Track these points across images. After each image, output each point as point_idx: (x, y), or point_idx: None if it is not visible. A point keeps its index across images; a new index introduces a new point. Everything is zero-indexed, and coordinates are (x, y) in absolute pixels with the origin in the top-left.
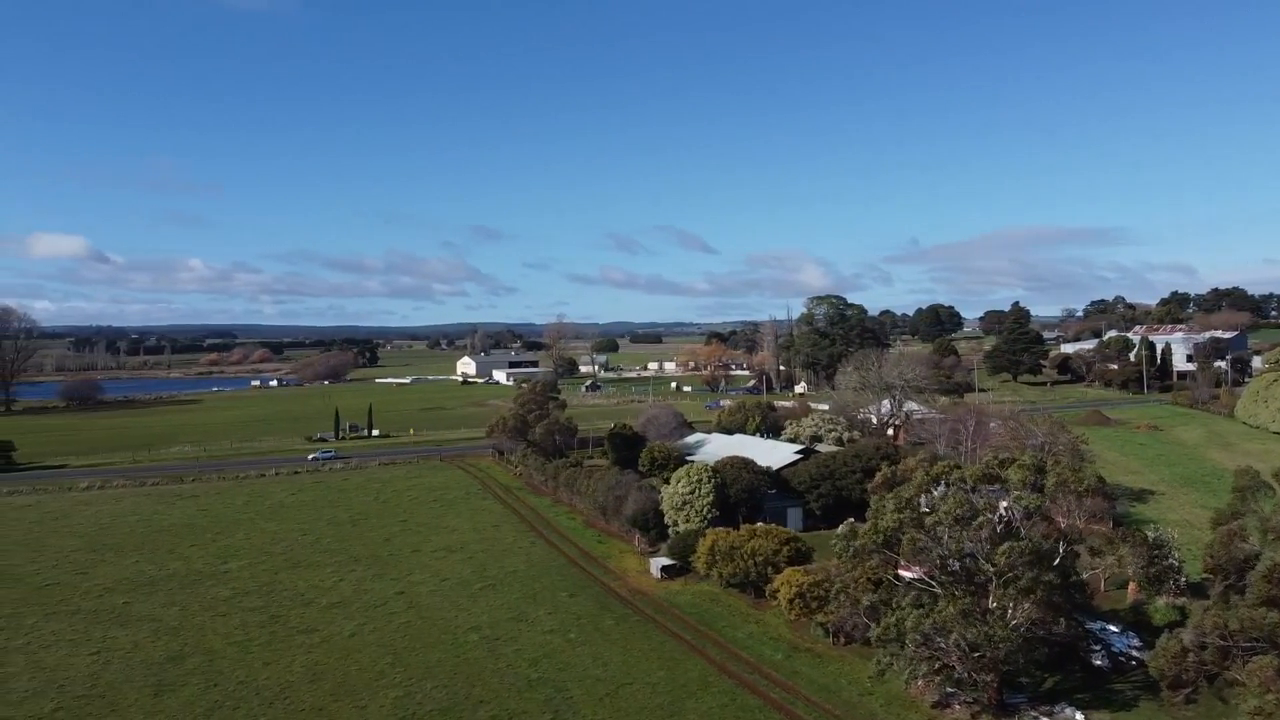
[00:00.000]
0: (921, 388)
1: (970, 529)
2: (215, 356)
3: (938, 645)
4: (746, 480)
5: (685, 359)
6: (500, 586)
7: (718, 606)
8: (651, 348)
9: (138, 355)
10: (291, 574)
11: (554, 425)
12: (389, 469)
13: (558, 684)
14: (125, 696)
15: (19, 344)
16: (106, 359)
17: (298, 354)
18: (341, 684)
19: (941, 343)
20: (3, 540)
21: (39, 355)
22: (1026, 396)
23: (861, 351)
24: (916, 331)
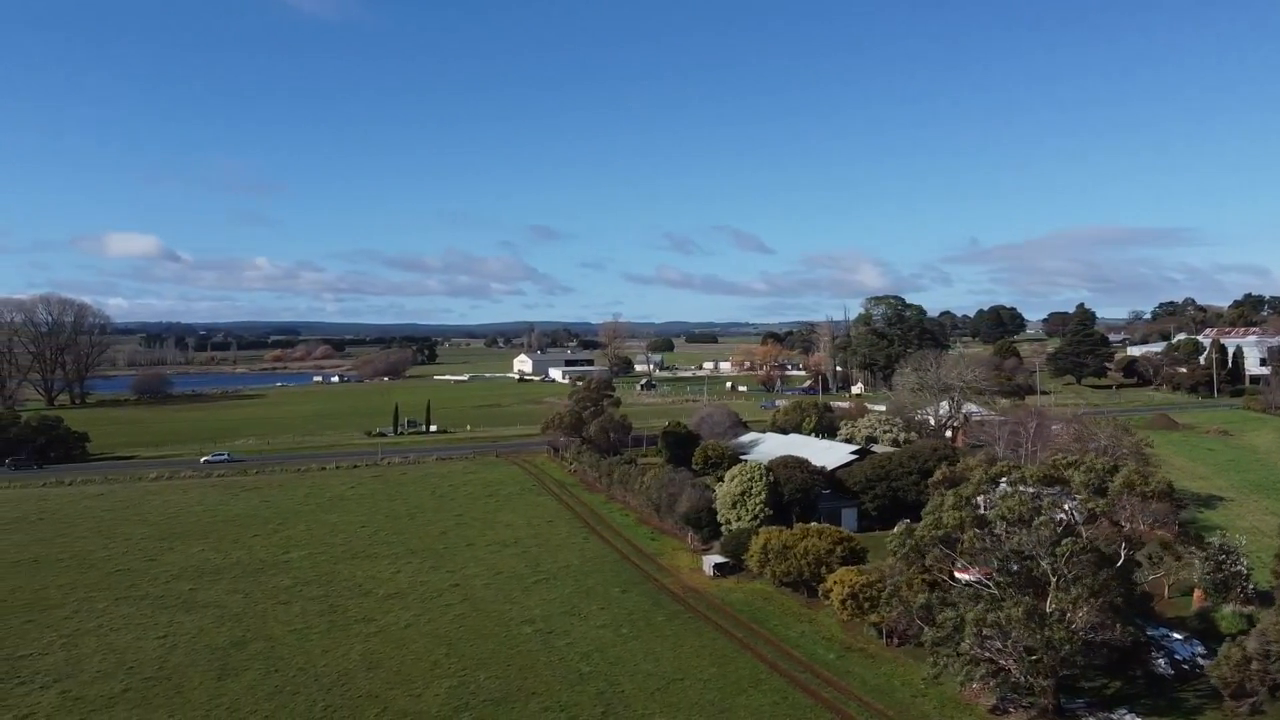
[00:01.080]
0: (981, 389)
1: (1030, 529)
2: (279, 353)
3: (994, 647)
4: (800, 480)
5: (741, 359)
6: (553, 581)
7: (770, 605)
8: (707, 347)
9: (205, 351)
10: (350, 565)
11: (608, 423)
12: (446, 464)
13: (610, 678)
14: (190, 679)
15: (93, 339)
16: (175, 354)
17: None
18: (397, 672)
19: (1003, 344)
20: (77, 527)
21: (112, 350)
22: (1090, 400)
23: (920, 352)
24: (977, 333)
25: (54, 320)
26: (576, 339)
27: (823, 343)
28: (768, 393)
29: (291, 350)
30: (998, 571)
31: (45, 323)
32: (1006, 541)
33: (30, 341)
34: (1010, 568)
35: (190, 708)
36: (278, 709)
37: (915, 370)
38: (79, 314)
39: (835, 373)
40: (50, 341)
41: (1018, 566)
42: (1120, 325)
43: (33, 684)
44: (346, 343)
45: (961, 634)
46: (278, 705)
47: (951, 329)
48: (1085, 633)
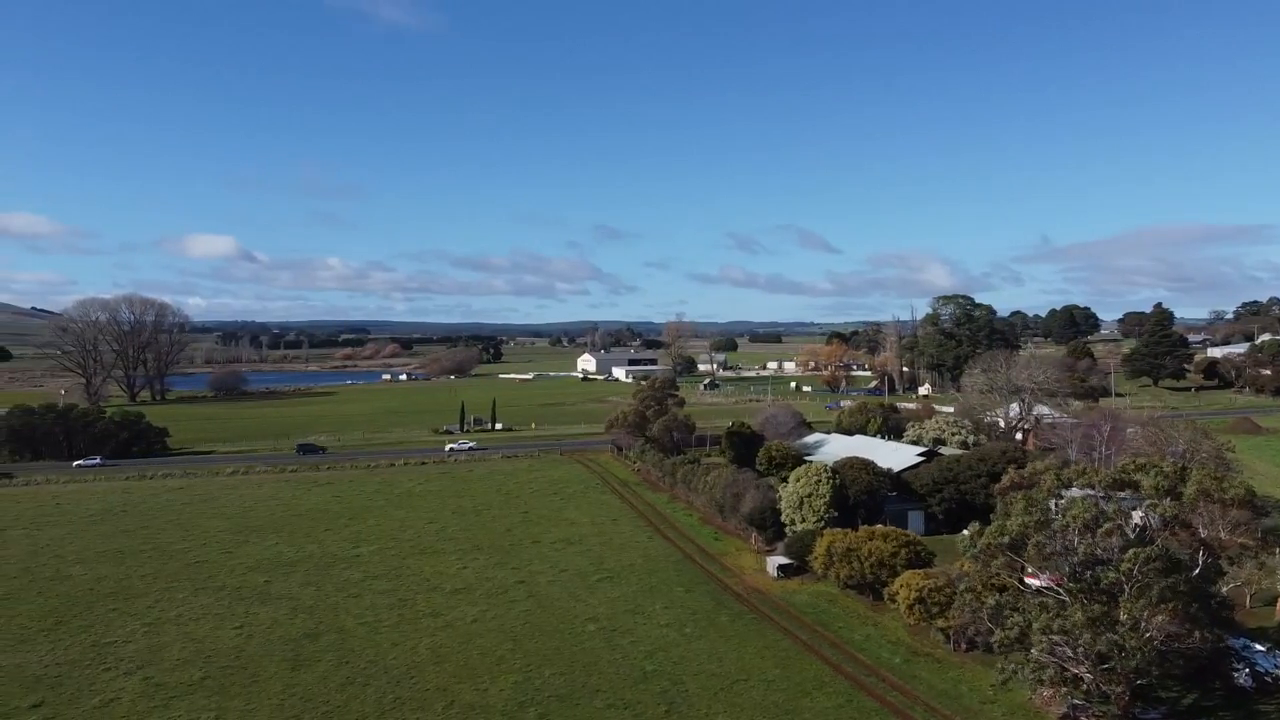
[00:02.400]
0: (1053, 391)
1: (1100, 535)
2: (349, 351)
3: (1064, 654)
4: (866, 481)
5: (805, 359)
6: (617, 579)
7: (835, 607)
8: (771, 347)
9: (278, 349)
10: (418, 560)
11: (672, 423)
12: (511, 462)
13: (673, 677)
14: (265, 669)
15: (173, 338)
16: (250, 352)
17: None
18: (464, 666)
19: (1076, 345)
20: (158, 520)
21: (190, 348)
22: (1168, 402)
23: (989, 353)
24: (1049, 333)
25: (136, 319)
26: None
27: (889, 343)
28: (832, 393)
29: (361, 349)
30: (1068, 578)
31: (128, 321)
32: (1076, 548)
33: (114, 340)
34: (1080, 574)
35: (265, 697)
36: (349, 700)
37: (985, 371)
38: (160, 313)
39: (902, 373)
40: (133, 340)
41: (1088, 573)
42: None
43: (118, 670)
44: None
45: (1029, 640)
46: (349, 696)
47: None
48: (1160, 641)
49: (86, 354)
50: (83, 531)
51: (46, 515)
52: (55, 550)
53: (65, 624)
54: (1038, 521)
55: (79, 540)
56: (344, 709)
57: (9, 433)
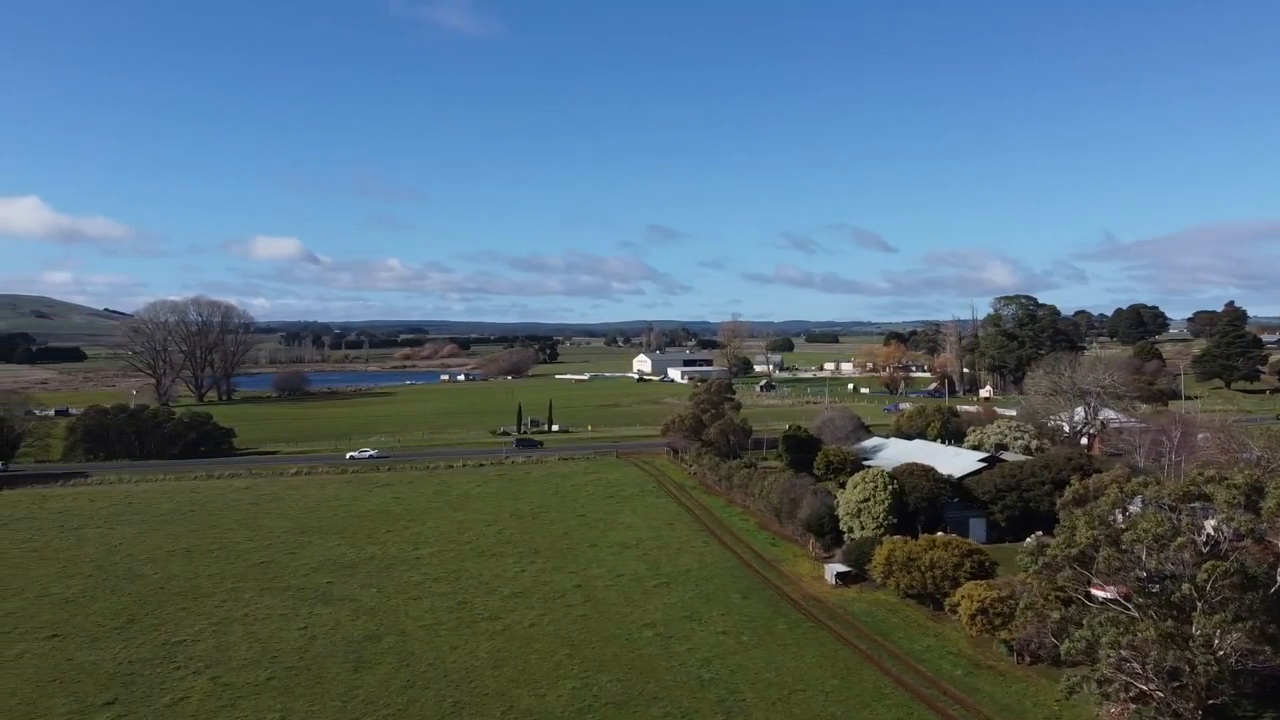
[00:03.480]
0: (1120, 394)
1: (1170, 549)
2: (408, 351)
3: (1133, 670)
4: (926, 488)
5: (863, 360)
6: (674, 585)
7: (894, 617)
8: (827, 347)
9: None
10: (477, 562)
11: (728, 426)
12: (568, 464)
13: (730, 685)
14: (328, 670)
15: (238, 338)
16: (312, 352)
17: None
18: (522, 671)
19: (1143, 346)
20: (226, 519)
21: (255, 349)
22: (1241, 406)
23: (1053, 354)
24: (1115, 333)
25: (203, 320)
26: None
27: (949, 344)
28: (891, 395)
29: (420, 349)
30: (1137, 592)
31: (195, 323)
32: (1145, 562)
33: (183, 341)
34: (1150, 588)
35: (329, 698)
36: (410, 703)
37: (1048, 373)
38: (225, 314)
39: (962, 375)
40: (200, 340)
41: (1158, 587)
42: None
43: (187, 669)
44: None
45: (1096, 654)
46: (409, 699)
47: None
48: (1233, 659)
49: (156, 355)
50: (153, 530)
51: (119, 514)
52: (127, 549)
53: (137, 622)
54: (1105, 535)
55: (150, 539)
56: (405, 712)
57: (84, 433)
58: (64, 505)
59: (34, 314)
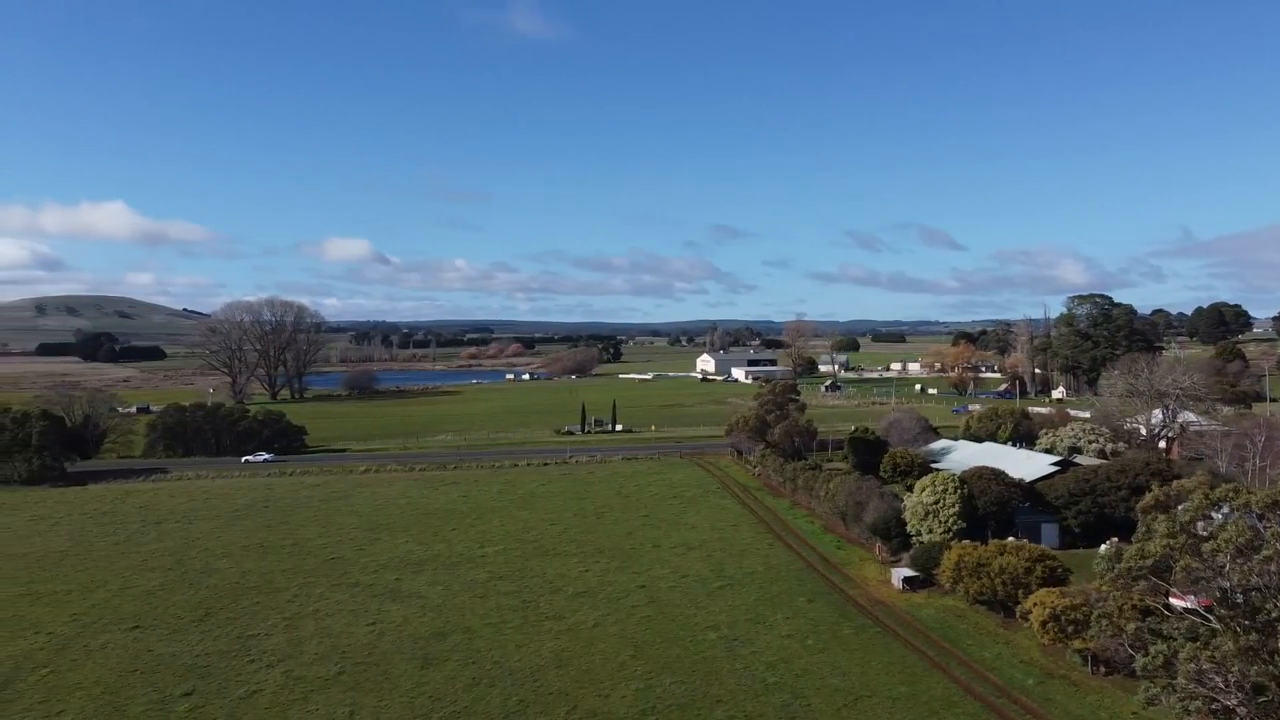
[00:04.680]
0: (1200, 396)
1: (1255, 560)
2: (474, 350)
3: (1214, 684)
4: (996, 492)
5: (930, 360)
6: (738, 587)
7: (963, 623)
8: (894, 347)
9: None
10: (541, 561)
11: (793, 427)
12: (631, 464)
13: (795, 690)
14: (396, 666)
15: (310, 338)
16: (381, 351)
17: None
18: (586, 672)
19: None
20: (298, 516)
21: (326, 348)
22: None
23: (1129, 355)
24: (1195, 333)
25: (277, 320)
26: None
27: (1020, 344)
28: (960, 396)
29: (485, 348)
30: (1219, 604)
31: (269, 322)
32: (1229, 574)
33: (257, 340)
34: (1233, 599)
35: (397, 694)
36: (475, 701)
37: (1124, 375)
38: (298, 314)
39: (1034, 376)
40: (274, 340)
41: (1241, 599)
42: None
43: (261, 662)
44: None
45: (1175, 667)
46: (475, 697)
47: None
48: None
49: (232, 354)
50: (229, 526)
51: (197, 509)
52: (204, 544)
53: (213, 615)
54: (1186, 544)
55: (226, 534)
56: (470, 709)
57: (164, 430)
58: (145, 500)
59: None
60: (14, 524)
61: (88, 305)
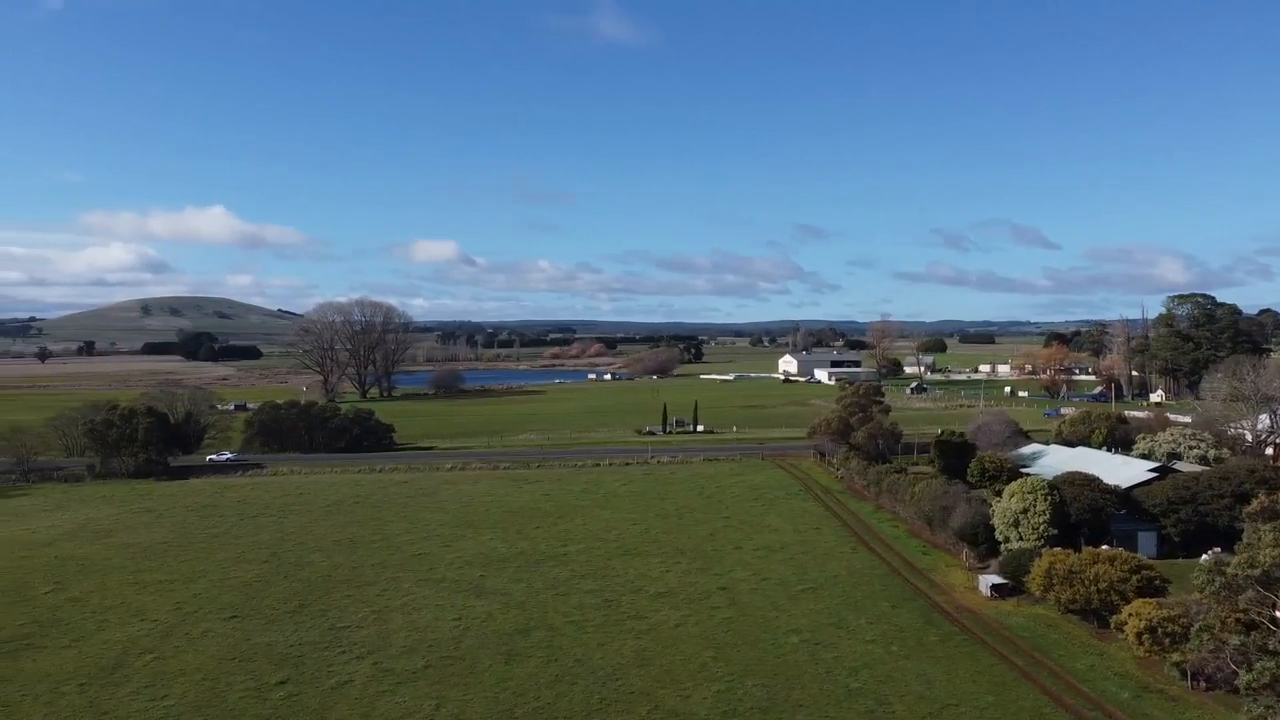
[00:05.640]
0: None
1: None
2: (557, 350)
3: None
4: (1089, 499)
5: (1021, 361)
6: (820, 590)
7: (1054, 633)
8: (983, 348)
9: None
10: (623, 561)
11: (877, 430)
12: (712, 465)
13: (879, 696)
14: (481, 661)
15: (398, 337)
16: (466, 351)
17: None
18: (667, 672)
19: None
20: (386, 511)
21: (413, 347)
22: None
23: (1234, 357)
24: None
25: (367, 320)
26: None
27: (1116, 345)
28: (1052, 399)
29: (568, 348)
30: None
31: (359, 323)
32: None
33: (348, 340)
34: None
35: (481, 689)
36: (558, 698)
37: (1228, 377)
38: (387, 314)
39: (1130, 379)
40: (363, 340)
41: None
42: None
43: (351, 653)
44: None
45: None
46: (558, 694)
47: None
48: None
49: (324, 353)
50: (321, 520)
51: (291, 504)
52: (298, 537)
53: (307, 607)
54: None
55: (318, 528)
56: (553, 706)
57: (259, 426)
58: (242, 495)
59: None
60: (122, 516)
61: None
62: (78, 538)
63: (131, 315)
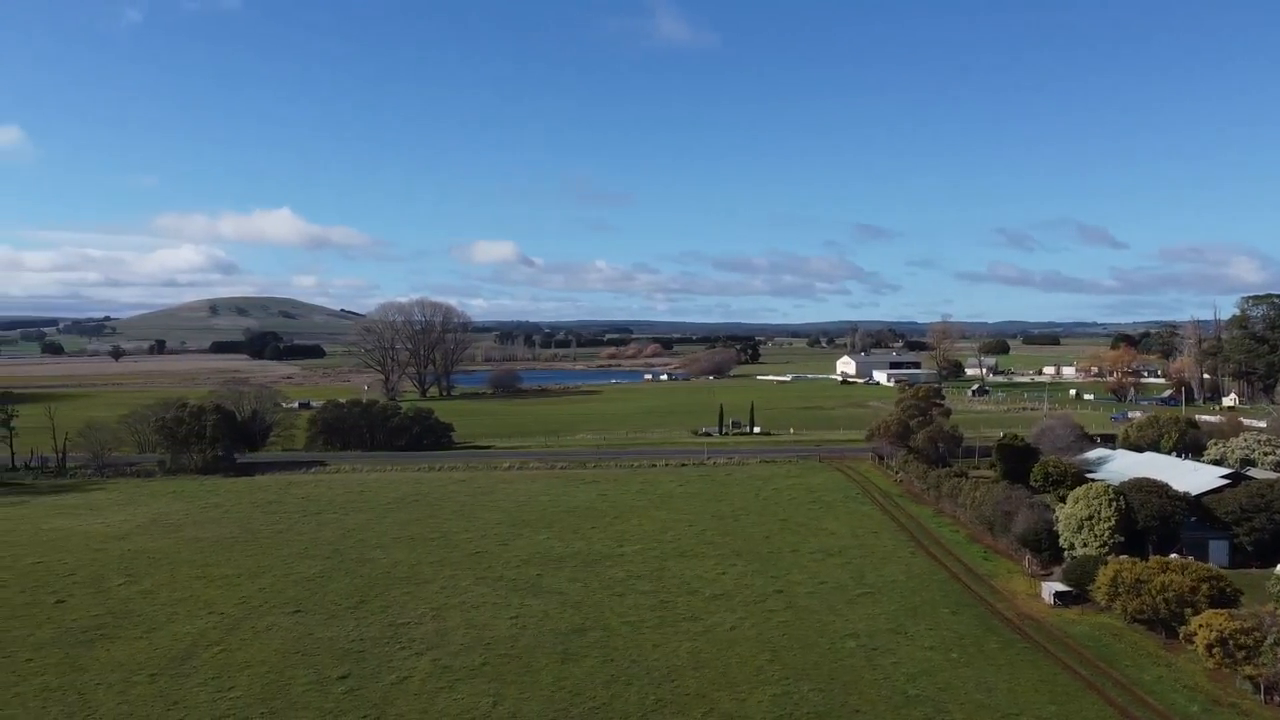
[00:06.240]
0: None
1: None
2: (613, 351)
3: None
4: (1157, 505)
5: (1087, 364)
6: (878, 595)
7: (1120, 643)
8: (1047, 350)
9: (549, 348)
10: (678, 562)
11: (937, 432)
12: (769, 466)
13: (938, 704)
14: (537, 660)
15: (457, 337)
16: (524, 351)
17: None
18: (722, 674)
19: None
20: (444, 510)
21: (472, 347)
22: None
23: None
24: None
25: (426, 320)
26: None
27: (1187, 347)
28: (1118, 403)
29: (624, 348)
30: None
31: (419, 323)
32: None
33: (408, 339)
34: None
35: (538, 687)
36: (614, 698)
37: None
38: (446, 315)
39: (1202, 382)
40: (423, 339)
41: None
42: None
43: (410, 649)
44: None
45: None
46: (613, 694)
47: None
48: None
49: (385, 353)
50: (382, 517)
51: (352, 501)
52: (359, 534)
53: (368, 603)
54: None
55: (378, 526)
56: (609, 706)
57: (323, 424)
58: (306, 492)
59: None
60: (191, 511)
61: (256, 306)
62: (149, 532)
63: (200, 315)
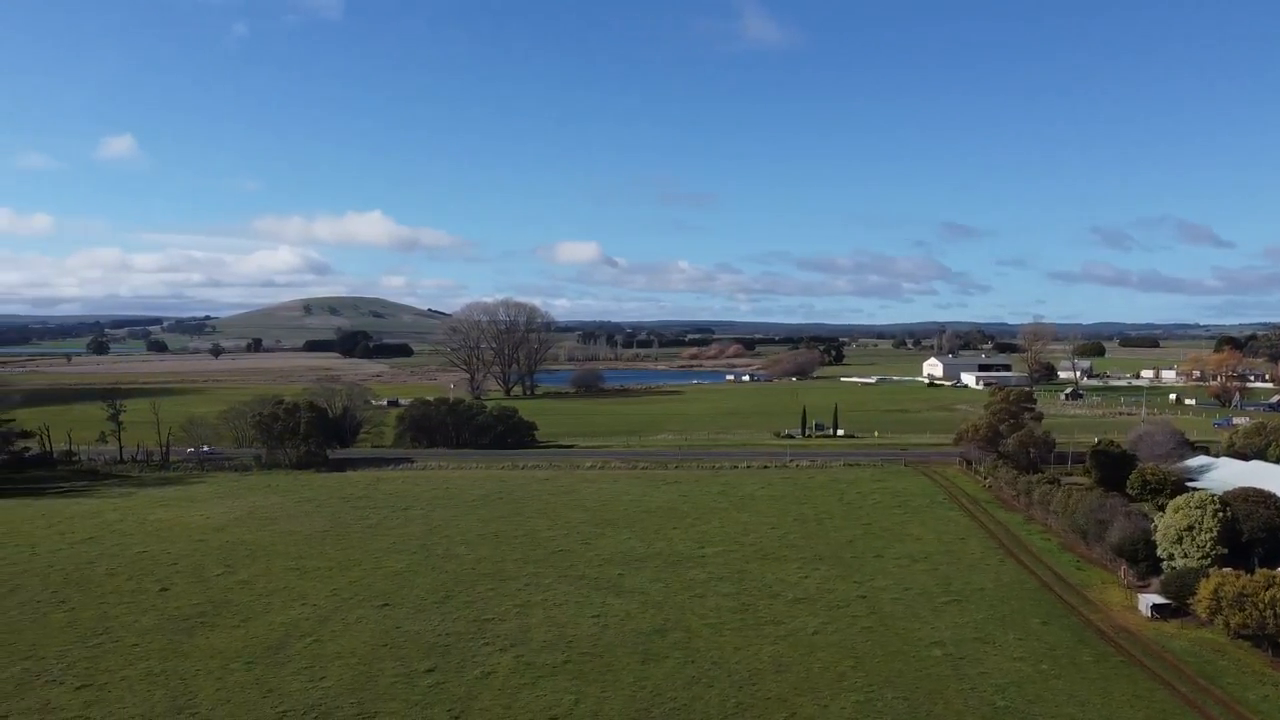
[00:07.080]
0: None
1: None
2: (695, 351)
3: None
4: (1264, 516)
5: (1188, 367)
6: (965, 603)
7: (1223, 659)
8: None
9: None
10: (760, 565)
11: (1028, 437)
12: (852, 470)
13: (1027, 716)
14: (619, 660)
15: (541, 337)
16: (606, 350)
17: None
18: (804, 679)
19: None
20: (528, 508)
21: (555, 347)
22: None
23: None
24: None
25: (510, 320)
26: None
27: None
28: (1222, 408)
29: (706, 348)
30: None
31: (504, 322)
32: None
33: (493, 339)
34: None
35: (619, 686)
36: (694, 699)
37: None
38: (530, 314)
39: None
40: (508, 339)
41: None
42: None
43: (494, 645)
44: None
45: None
46: (694, 696)
47: None
48: None
49: (470, 352)
50: (467, 514)
51: (438, 498)
52: (445, 531)
53: (453, 598)
54: None
55: (463, 522)
56: (689, 707)
57: (410, 422)
58: (394, 488)
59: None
60: (286, 504)
61: (347, 306)
62: (246, 524)
63: (294, 314)
